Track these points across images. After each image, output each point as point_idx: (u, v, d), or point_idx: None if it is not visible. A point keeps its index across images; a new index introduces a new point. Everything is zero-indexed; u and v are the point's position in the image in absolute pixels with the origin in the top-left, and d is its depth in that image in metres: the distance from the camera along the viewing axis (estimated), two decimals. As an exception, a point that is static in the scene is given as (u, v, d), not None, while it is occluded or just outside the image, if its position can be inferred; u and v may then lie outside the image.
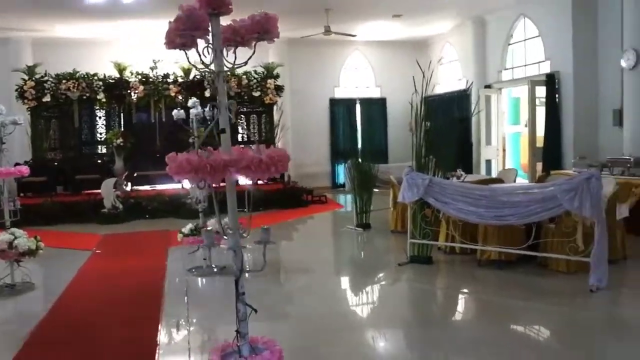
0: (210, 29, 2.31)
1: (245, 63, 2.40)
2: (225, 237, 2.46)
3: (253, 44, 2.43)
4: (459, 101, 12.86)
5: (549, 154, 10.54)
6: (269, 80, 12.62)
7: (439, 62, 15.10)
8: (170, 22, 2.30)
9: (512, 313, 4.97)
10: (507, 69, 12.29)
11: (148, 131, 12.09)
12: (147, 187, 11.63)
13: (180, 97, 11.74)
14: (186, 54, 2.38)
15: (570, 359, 3.91)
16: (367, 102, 15.40)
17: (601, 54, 9.93)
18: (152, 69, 11.91)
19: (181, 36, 2.24)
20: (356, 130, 15.22)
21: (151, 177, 11.56)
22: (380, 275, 6.47)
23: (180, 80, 12.03)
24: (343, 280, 6.55)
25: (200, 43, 2.38)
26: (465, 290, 5.77)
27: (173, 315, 4.96)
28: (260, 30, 2.35)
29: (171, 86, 11.87)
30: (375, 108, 15.50)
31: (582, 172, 6.01)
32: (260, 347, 2.61)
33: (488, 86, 12.49)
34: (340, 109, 15.25)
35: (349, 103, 15.27)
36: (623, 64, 8.62)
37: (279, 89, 12.84)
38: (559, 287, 5.52)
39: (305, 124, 14.62)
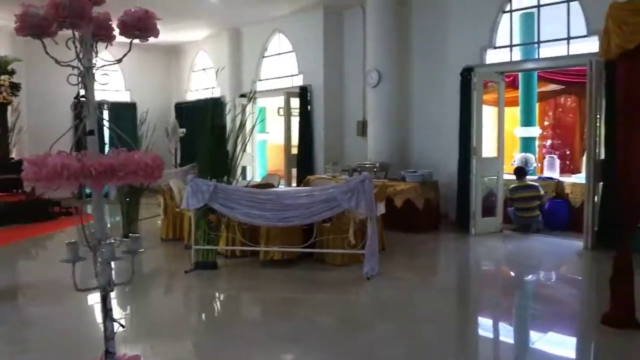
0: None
1: (120, 60, 2.19)
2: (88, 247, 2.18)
3: (130, 41, 2.22)
4: (213, 109, 13.05)
5: (303, 161, 11.45)
6: (2, 77, 11.07)
7: (193, 69, 15.16)
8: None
9: (300, 305, 5.31)
10: (261, 80, 12.94)
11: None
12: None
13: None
14: (43, 43, 2.05)
15: (357, 337, 4.39)
16: (115, 107, 14.55)
17: (347, 71, 11.20)
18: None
19: (60, 24, 1.93)
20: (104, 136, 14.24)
21: None
22: (168, 284, 6.29)
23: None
24: (135, 293, 6.13)
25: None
26: (254, 290, 5.96)
27: None
28: (141, 27, 2.16)
29: None
30: (125, 113, 14.75)
31: (356, 177, 6.72)
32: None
33: (243, 95, 12.96)
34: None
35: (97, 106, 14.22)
36: (367, 81, 9.86)
37: (15, 87, 11.34)
38: (339, 278, 6.11)
39: (45, 127, 13.13)
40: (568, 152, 13.39)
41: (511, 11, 8.74)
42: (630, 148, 4.28)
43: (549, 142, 13.49)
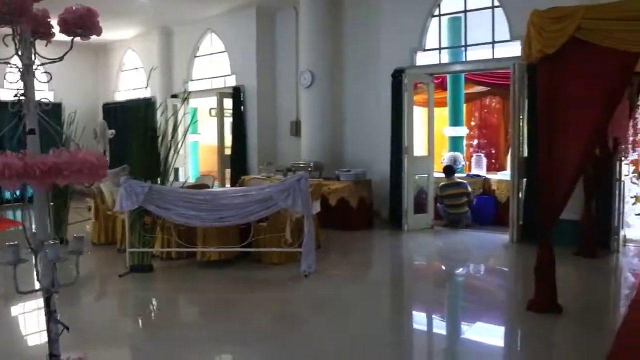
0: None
1: (61, 59, 2.13)
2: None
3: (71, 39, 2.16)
4: (144, 109, 12.74)
5: (237, 161, 11.39)
6: None
7: (121, 68, 14.74)
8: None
9: (238, 305, 5.30)
10: (193, 80, 12.76)
11: None
12: None
13: None
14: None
15: (294, 333, 4.49)
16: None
17: (280, 72, 11.24)
18: None
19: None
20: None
21: None
22: (102, 289, 6.12)
23: None
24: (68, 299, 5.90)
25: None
26: (191, 292, 5.89)
27: None
28: (83, 25, 2.11)
29: None
30: (50, 113, 14.13)
31: (294, 175, 6.77)
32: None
33: (175, 96, 12.74)
34: (7, 115, 13.40)
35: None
36: (301, 82, 9.94)
37: None
38: (276, 276, 6.15)
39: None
40: (493, 151, 14.00)
41: (440, 15, 9.07)
42: (551, 147, 4.56)
43: (475, 141, 14.07)
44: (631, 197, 7.82)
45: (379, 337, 4.39)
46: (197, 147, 14.06)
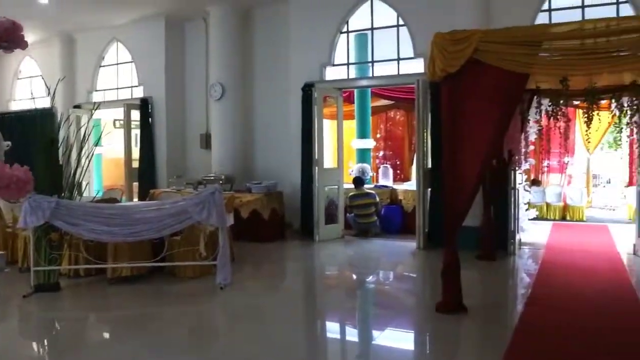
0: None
1: None
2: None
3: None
4: (43, 120, 12.13)
5: (145, 175, 11.11)
6: None
7: (18, 76, 13.95)
8: None
9: (152, 320, 5.19)
10: (98, 90, 12.31)
11: None
12: None
13: None
14: None
15: (211, 345, 4.50)
16: None
17: (190, 84, 11.13)
18: None
19: None
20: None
21: None
22: (3, 311, 5.75)
23: None
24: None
25: None
26: (102, 310, 5.70)
27: None
28: (8, 39, 2.05)
29: None
30: None
31: (207, 188, 6.74)
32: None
33: (78, 106, 12.22)
34: None
35: None
36: (211, 94, 9.91)
37: None
38: (191, 290, 6.10)
39: None
40: (398, 162, 14.64)
41: (348, 32, 9.41)
42: (454, 159, 4.91)
43: (381, 153, 14.63)
44: (524, 204, 8.48)
45: (294, 346, 4.49)
46: (101, 160, 13.54)
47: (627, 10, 7.39)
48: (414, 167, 13.21)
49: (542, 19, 7.82)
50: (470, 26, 5.50)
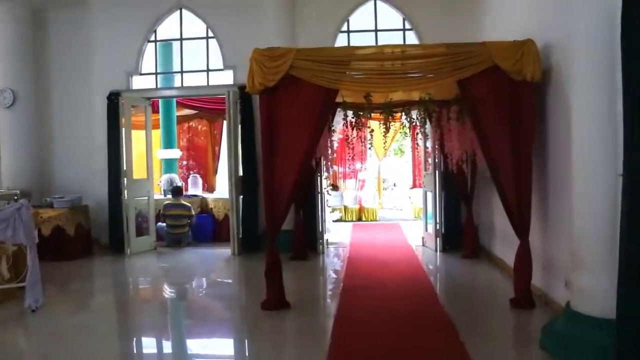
0: None
1: None
2: None
3: None
4: None
5: None
6: None
7: None
8: None
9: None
10: None
11: None
12: None
13: None
14: None
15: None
16: None
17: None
18: None
19: None
20: None
21: None
22: None
23: None
24: None
25: None
26: None
27: None
28: None
29: None
30: None
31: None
32: None
33: None
34: None
35: None
36: (0, 102, 8.98)
37: None
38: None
39: None
40: (202, 172, 14.67)
41: (156, 41, 9.30)
42: (273, 167, 5.27)
43: (184, 162, 14.53)
44: (329, 207, 9.27)
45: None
46: None
47: (412, 37, 8.58)
48: (217, 177, 13.47)
49: (341, 39, 8.66)
50: (278, 43, 5.95)
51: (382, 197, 14.53)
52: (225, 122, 13.65)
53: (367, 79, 5.26)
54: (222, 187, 12.82)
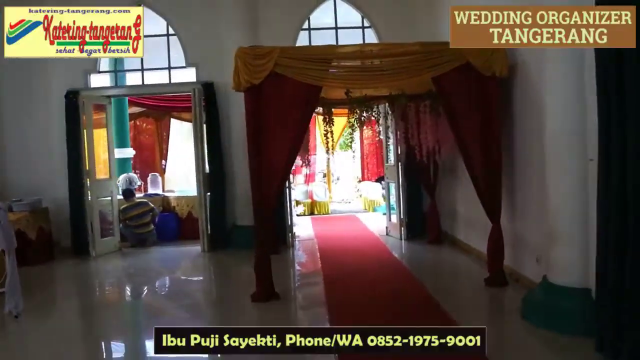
0: None
1: None
2: None
3: None
4: None
5: None
6: None
7: None
8: None
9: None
10: None
11: None
12: None
13: None
14: None
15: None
16: None
17: None
18: None
19: None
20: None
21: None
22: None
23: None
24: None
25: None
26: None
27: None
28: None
29: None
30: None
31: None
32: None
33: None
34: None
35: None
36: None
37: None
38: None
39: None
40: (148, 171, 14.44)
41: (114, 39, 9.14)
42: (260, 161, 5.44)
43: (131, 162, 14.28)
44: (294, 200, 9.49)
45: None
46: None
47: (370, 35, 8.91)
48: (166, 176, 13.34)
49: (303, 36, 8.87)
50: (238, 40, 6.08)
51: (332, 190, 14.81)
52: (175, 120, 13.79)
53: (349, 75, 5.53)
54: (173, 186, 12.77)
